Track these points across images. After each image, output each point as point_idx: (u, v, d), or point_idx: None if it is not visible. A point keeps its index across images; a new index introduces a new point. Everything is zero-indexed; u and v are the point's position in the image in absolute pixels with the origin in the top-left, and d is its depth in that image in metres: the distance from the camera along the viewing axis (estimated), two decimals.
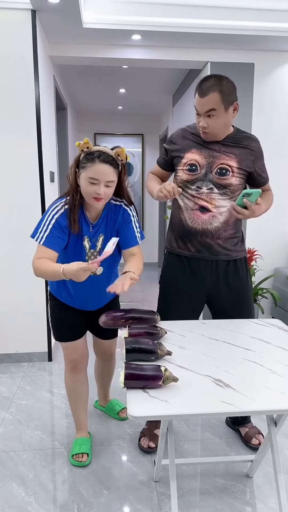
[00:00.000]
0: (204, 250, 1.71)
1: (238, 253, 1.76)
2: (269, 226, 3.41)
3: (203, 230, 1.68)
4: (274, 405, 1.02)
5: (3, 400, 2.31)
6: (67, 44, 2.94)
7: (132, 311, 1.47)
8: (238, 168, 1.66)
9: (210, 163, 1.65)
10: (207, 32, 2.72)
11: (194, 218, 1.68)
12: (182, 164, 1.70)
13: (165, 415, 1.02)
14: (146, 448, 1.85)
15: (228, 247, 1.72)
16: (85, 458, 1.78)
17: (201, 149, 1.67)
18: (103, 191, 1.45)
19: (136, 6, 2.63)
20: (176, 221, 1.75)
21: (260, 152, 1.73)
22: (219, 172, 1.65)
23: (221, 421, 2.10)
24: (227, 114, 1.60)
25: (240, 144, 1.68)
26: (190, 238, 1.71)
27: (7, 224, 2.63)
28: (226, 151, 1.66)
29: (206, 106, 1.57)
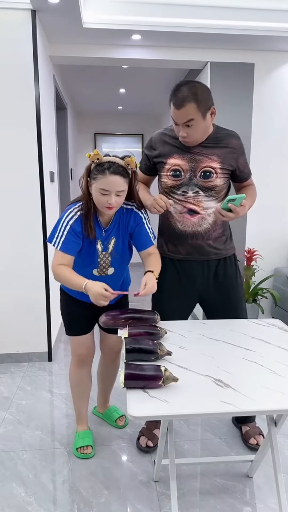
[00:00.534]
0: (195, 252, 1.73)
1: (227, 251, 1.80)
2: (269, 226, 3.41)
3: (194, 232, 1.70)
4: (274, 405, 1.02)
5: (3, 400, 2.31)
6: (67, 44, 2.94)
7: (132, 311, 1.47)
8: (221, 168, 1.67)
9: (194, 167, 1.66)
10: (207, 32, 2.72)
11: (184, 221, 1.70)
12: (165, 170, 1.70)
13: (165, 415, 1.02)
14: (144, 447, 1.86)
15: (217, 246, 1.75)
16: (90, 450, 1.84)
17: (183, 153, 1.67)
18: (114, 200, 1.50)
19: (136, 6, 2.63)
20: (165, 226, 1.77)
21: (241, 148, 1.72)
22: (203, 175, 1.66)
23: (221, 421, 2.10)
24: (206, 120, 1.60)
25: (221, 143, 1.68)
26: (181, 241, 1.73)
27: (7, 224, 2.63)
28: (208, 153, 1.66)
29: (184, 118, 1.57)
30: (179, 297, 1.78)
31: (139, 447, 1.87)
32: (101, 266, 1.66)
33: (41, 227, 2.65)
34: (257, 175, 3.29)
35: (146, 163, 1.81)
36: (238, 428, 2.02)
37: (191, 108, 1.55)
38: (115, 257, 1.67)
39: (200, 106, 1.56)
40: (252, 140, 3.23)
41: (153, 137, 1.78)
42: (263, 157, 3.28)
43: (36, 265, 2.69)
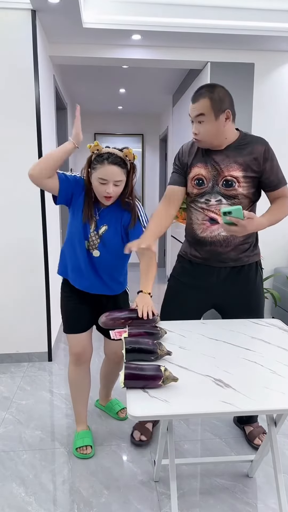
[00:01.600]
0: (213, 258, 1.72)
1: (249, 258, 1.74)
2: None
3: (212, 239, 1.69)
4: (274, 405, 1.02)
5: (3, 400, 2.31)
6: (67, 44, 2.94)
7: (132, 311, 1.47)
8: (244, 177, 1.63)
9: (216, 176, 1.65)
10: (207, 32, 2.72)
11: (204, 229, 1.70)
12: (190, 179, 1.71)
13: (165, 415, 1.02)
14: (138, 441, 1.89)
15: (237, 253, 1.71)
16: (89, 450, 1.84)
17: (206, 162, 1.66)
18: (112, 190, 1.59)
19: (136, 6, 2.63)
20: (188, 230, 1.80)
21: (265, 154, 1.64)
22: (225, 184, 1.64)
23: (221, 421, 2.10)
24: (218, 122, 1.58)
25: (244, 151, 1.63)
26: (201, 246, 1.73)
27: (7, 224, 2.62)
28: (229, 162, 1.63)
29: (196, 111, 1.58)
30: (190, 299, 1.78)
31: (133, 441, 1.91)
32: (90, 242, 1.71)
33: (41, 227, 2.65)
34: None
35: (178, 173, 1.76)
36: (241, 428, 2.02)
37: (204, 103, 1.56)
38: (103, 243, 1.70)
39: (214, 104, 1.56)
40: None
41: (183, 147, 1.79)
42: None
43: (36, 265, 2.69)
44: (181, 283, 1.81)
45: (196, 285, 1.77)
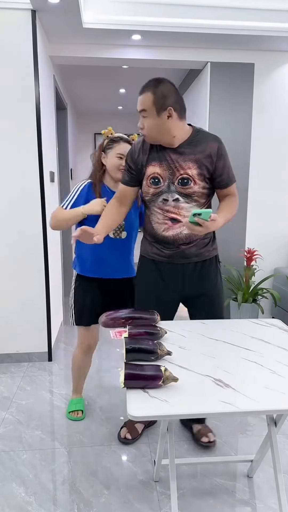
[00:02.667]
0: (176, 255, 1.73)
1: (209, 252, 1.78)
2: (269, 226, 3.41)
3: (175, 237, 1.70)
4: (274, 405, 1.02)
5: (3, 400, 2.31)
6: (67, 44, 2.94)
7: (132, 311, 1.47)
8: (199, 174, 1.63)
9: (171, 175, 1.64)
10: (207, 32, 2.72)
11: (166, 228, 1.70)
12: (145, 178, 1.68)
13: (165, 415, 1.02)
14: (123, 439, 1.92)
15: (199, 249, 1.74)
16: (80, 414, 2.13)
17: (161, 160, 1.64)
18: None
19: (136, 6, 2.63)
20: (149, 230, 1.76)
21: (219, 152, 1.63)
22: (181, 182, 1.64)
23: (221, 421, 2.10)
24: (160, 119, 1.55)
25: (197, 148, 1.62)
26: (163, 244, 1.73)
27: (8, 224, 2.63)
28: (184, 160, 1.63)
29: (139, 106, 1.59)
30: (162, 298, 1.78)
31: (118, 438, 1.94)
32: (116, 228, 1.87)
33: (41, 227, 2.65)
34: (257, 175, 3.31)
35: (130, 173, 1.73)
36: (188, 428, 2.02)
37: (147, 97, 1.55)
38: (128, 222, 1.90)
39: (156, 100, 1.53)
40: (252, 140, 3.23)
41: (134, 145, 1.73)
42: (263, 157, 3.28)
43: (37, 265, 2.69)
44: (148, 284, 1.80)
45: (162, 284, 1.77)
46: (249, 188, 3.30)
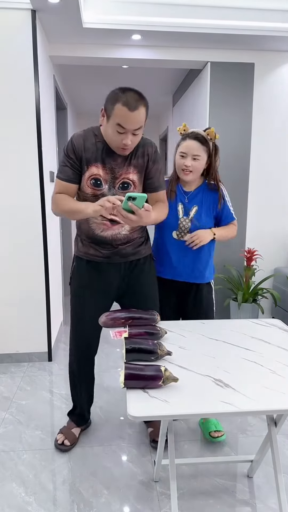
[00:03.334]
0: (114, 255, 1.74)
1: (145, 250, 1.83)
2: (269, 226, 3.41)
3: (113, 238, 1.70)
4: (274, 405, 1.02)
5: (3, 400, 2.31)
6: (67, 44, 2.94)
7: (132, 311, 1.47)
8: (139, 179, 1.67)
9: (112, 179, 1.64)
10: (207, 32, 2.72)
11: (104, 229, 1.69)
12: (86, 178, 1.64)
13: (165, 415, 1.02)
14: (60, 445, 1.87)
15: (135, 247, 1.77)
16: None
17: (104, 163, 1.62)
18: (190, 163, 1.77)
19: (136, 6, 2.63)
20: (85, 230, 1.74)
21: (155, 156, 1.68)
22: (122, 186, 1.65)
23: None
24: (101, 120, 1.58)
25: (138, 153, 1.65)
26: (101, 245, 1.73)
27: (7, 224, 2.62)
28: (126, 165, 1.63)
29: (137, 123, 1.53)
30: (97, 297, 1.79)
31: (55, 444, 1.89)
32: (180, 229, 1.84)
33: (41, 227, 2.65)
34: (257, 175, 3.31)
35: (73, 169, 1.64)
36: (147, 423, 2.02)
37: (143, 112, 1.50)
38: (196, 225, 1.83)
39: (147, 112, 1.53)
40: (252, 140, 3.23)
41: (74, 140, 1.63)
42: (263, 157, 3.28)
43: (36, 265, 2.69)
44: (83, 284, 1.79)
45: (97, 284, 1.78)
46: (249, 188, 3.30)
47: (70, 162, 1.62)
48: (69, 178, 1.64)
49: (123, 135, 1.50)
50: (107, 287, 1.79)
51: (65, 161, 1.63)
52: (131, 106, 1.45)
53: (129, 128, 1.49)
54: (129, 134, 1.51)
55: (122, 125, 1.47)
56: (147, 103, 1.52)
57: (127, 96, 1.47)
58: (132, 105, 1.45)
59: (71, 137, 1.64)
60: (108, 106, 1.52)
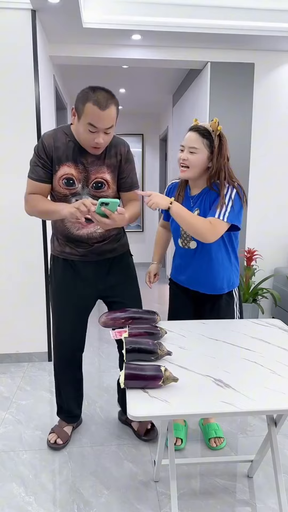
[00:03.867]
0: (90, 253, 1.74)
1: (123, 247, 1.83)
2: (269, 226, 3.41)
3: (89, 236, 1.70)
4: (274, 405, 1.02)
5: (3, 400, 2.31)
6: (67, 44, 2.94)
7: (132, 311, 1.47)
8: (112, 179, 1.67)
9: (86, 178, 1.63)
10: (207, 32, 2.72)
11: (79, 227, 1.69)
12: (57, 177, 1.62)
13: (165, 415, 1.02)
14: (53, 444, 1.86)
15: (112, 245, 1.77)
16: None
17: (76, 162, 1.61)
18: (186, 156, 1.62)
19: (136, 6, 2.63)
20: (60, 229, 1.72)
21: (127, 155, 1.69)
22: (95, 186, 1.65)
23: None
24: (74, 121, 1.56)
25: (111, 153, 1.65)
26: (77, 243, 1.72)
27: (6, 224, 2.62)
28: (100, 165, 1.63)
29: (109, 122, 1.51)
30: (79, 296, 1.78)
31: (48, 444, 1.89)
32: (182, 237, 1.72)
33: (41, 227, 2.65)
34: (257, 175, 3.31)
35: (44, 169, 1.61)
36: (128, 425, 2.03)
37: (113, 111, 1.49)
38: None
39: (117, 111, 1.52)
40: (252, 140, 3.23)
41: (44, 139, 1.60)
42: (263, 157, 3.28)
43: (36, 265, 2.69)
44: (63, 284, 1.78)
45: (77, 282, 1.77)
46: (249, 188, 3.30)
47: (41, 161, 1.60)
48: (41, 178, 1.62)
49: (95, 134, 1.49)
50: (84, 285, 1.78)
51: (36, 161, 1.61)
52: (102, 105, 1.44)
53: (101, 127, 1.48)
54: (100, 133, 1.49)
55: (94, 124, 1.46)
56: (117, 102, 1.52)
57: (97, 95, 1.45)
58: (103, 104, 1.44)
59: (41, 137, 1.63)
60: (78, 106, 1.50)
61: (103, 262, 1.77)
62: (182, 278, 1.80)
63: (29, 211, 1.66)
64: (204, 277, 1.72)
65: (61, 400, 1.94)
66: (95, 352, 2.96)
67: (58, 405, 1.96)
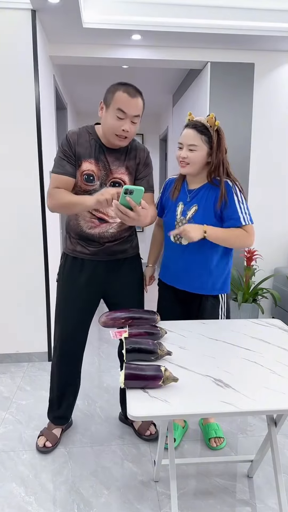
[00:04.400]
0: (101, 252, 1.75)
1: (134, 249, 1.84)
2: (269, 226, 3.41)
3: (101, 235, 1.72)
4: (274, 405, 1.02)
5: (3, 400, 2.31)
6: (67, 44, 2.94)
7: (132, 311, 1.47)
8: (130, 180, 1.70)
9: (105, 176, 1.65)
10: (207, 32, 2.72)
11: (92, 226, 1.70)
12: (80, 172, 1.64)
13: (165, 415, 1.02)
14: (42, 448, 1.85)
15: (123, 246, 1.78)
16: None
17: (98, 160, 1.64)
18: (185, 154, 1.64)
19: (136, 6, 2.63)
20: (73, 226, 1.75)
21: (146, 161, 1.73)
22: (112, 185, 1.67)
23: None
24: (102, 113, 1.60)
25: (131, 155, 1.69)
26: (88, 242, 1.74)
27: (7, 224, 2.62)
28: (119, 165, 1.66)
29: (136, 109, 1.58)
30: (85, 294, 1.79)
31: (37, 447, 1.87)
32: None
33: (41, 227, 2.65)
34: (257, 175, 3.31)
35: (70, 163, 1.64)
36: (129, 424, 2.04)
37: (140, 103, 1.56)
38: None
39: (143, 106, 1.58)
40: (252, 140, 3.23)
41: (69, 135, 1.64)
42: (263, 157, 3.28)
43: (36, 265, 2.69)
44: (72, 281, 1.79)
45: (82, 281, 1.77)
46: (249, 188, 3.30)
47: (67, 156, 1.63)
48: (67, 171, 1.63)
49: (122, 122, 1.54)
50: (92, 284, 1.79)
51: (62, 155, 1.64)
52: (131, 93, 1.53)
53: (129, 113, 1.53)
54: (128, 121, 1.54)
55: (123, 109, 1.52)
56: (144, 98, 1.59)
57: (127, 86, 1.55)
58: (132, 92, 1.53)
59: (66, 133, 1.66)
60: (107, 96, 1.57)
61: (113, 262, 1.78)
62: (170, 275, 1.80)
63: (52, 204, 1.64)
64: (195, 275, 1.71)
65: (53, 399, 1.93)
66: (95, 352, 2.96)
67: (50, 405, 1.95)
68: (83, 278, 1.77)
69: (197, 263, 1.70)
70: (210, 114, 1.64)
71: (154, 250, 1.98)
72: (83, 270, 1.77)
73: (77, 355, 1.90)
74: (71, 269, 1.79)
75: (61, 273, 1.83)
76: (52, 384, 1.93)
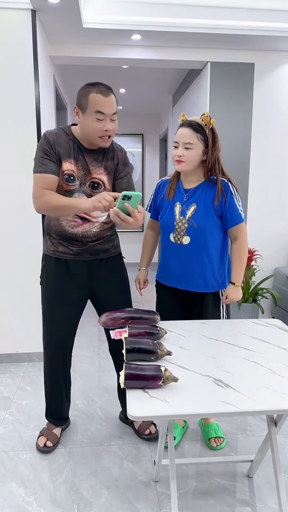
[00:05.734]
0: (84, 252, 1.74)
1: (116, 249, 1.85)
2: (269, 226, 3.41)
3: (83, 235, 1.71)
4: (274, 405, 1.02)
5: (3, 400, 2.31)
6: (67, 44, 2.94)
7: (132, 311, 1.47)
8: (108, 180, 1.70)
9: (83, 176, 1.65)
10: (207, 32, 2.72)
11: (74, 225, 1.69)
12: (61, 172, 1.63)
13: (165, 415, 1.02)
14: (43, 447, 1.85)
15: (106, 246, 1.78)
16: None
17: (77, 160, 1.64)
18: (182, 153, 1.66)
19: (136, 6, 2.63)
20: (54, 227, 1.72)
21: (125, 160, 1.74)
22: (92, 185, 1.67)
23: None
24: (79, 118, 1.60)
25: (108, 156, 1.69)
26: (71, 241, 1.73)
27: (6, 224, 2.62)
28: (98, 166, 1.66)
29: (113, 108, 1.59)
30: (71, 295, 1.78)
31: (37, 447, 1.87)
32: (176, 231, 1.72)
33: (41, 227, 2.65)
34: (256, 175, 3.31)
35: (54, 162, 1.60)
36: (130, 424, 2.04)
37: (114, 99, 1.57)
38: (193, 226, 1.69)
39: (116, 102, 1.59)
40: (252, 140, 3.23)
41: (47, 135, 1.61)
42: (263, 157, 3.28)
43: (36, 265, 2.68)
44: (54, 282, 1.78)
45: (70, 281, 1.77)
46: (249, 188, 3.30)
47: (48, 154, 1.60)
48: (51, 170, 1.59)
49: (102, 122, 1.54)
50: (77, 285, 1.78)
51: (43, 155, 1.60)
52: (104, 92, 1.53)
53: (107, 112, 1.54)
54: (107, 120, 1.55)
55: (101, 110, 1.53)
56: (115, 94, 1.59)
57: (97, 87, 1.55)
58: (104, 92, 1.53)
59: (43, 134, 1.64)
60: (81, 101, 1.56)
61: (96, 262, 1.78)
62: (170, 276, 1.80)
63: (39, 207, 1.58)
64: (196, 274, 1.73)
65: (50, 401, 1.93)
66: (95, 352, 2.96)
67: (47, 407, 1.94)
68: (68, 279, 1.76)
69: (199, 262, 1.72)
70: (205, 113, 1.66)
71: (146, 253, 1.98)
72: (66, 271, 1.76)
73: (65, 357, 1.88)
74: (55, 271, 1.77)
75: (44, 275, 1.83)
76: (45, 387, 1.93)
